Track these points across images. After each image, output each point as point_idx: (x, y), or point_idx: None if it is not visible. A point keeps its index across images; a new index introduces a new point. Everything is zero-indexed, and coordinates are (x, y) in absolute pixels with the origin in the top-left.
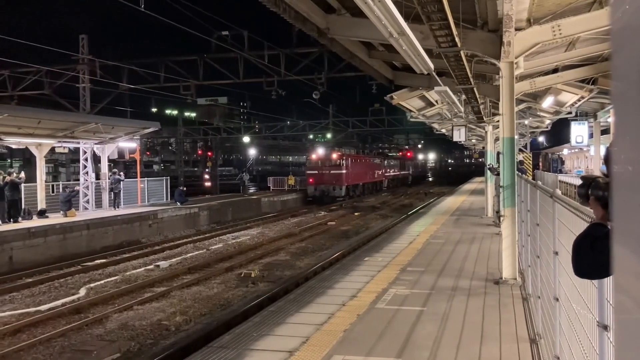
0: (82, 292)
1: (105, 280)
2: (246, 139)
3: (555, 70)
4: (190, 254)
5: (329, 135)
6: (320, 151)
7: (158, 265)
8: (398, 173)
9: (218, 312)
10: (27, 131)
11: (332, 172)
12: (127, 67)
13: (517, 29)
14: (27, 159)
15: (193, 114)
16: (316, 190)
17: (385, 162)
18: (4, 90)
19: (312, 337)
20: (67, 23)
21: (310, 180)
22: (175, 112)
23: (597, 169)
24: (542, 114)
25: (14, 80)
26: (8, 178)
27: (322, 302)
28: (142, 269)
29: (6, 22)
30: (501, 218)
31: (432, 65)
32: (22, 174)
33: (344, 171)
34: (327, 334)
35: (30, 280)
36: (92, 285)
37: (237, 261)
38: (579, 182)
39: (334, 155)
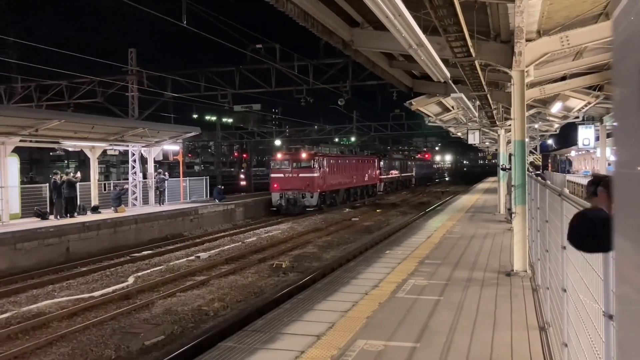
0: (131, 280)
1: (151, 270)
2: (278, 142)
3: (563, 78)
4: (227, 246)
5: (353, 139)
6: (288, 150)
7: (198, 256)
8: (398, 175)
9: (252, 299)
10: (82, 135)
11: (301, 175)
12: (171, 78)
13: (528, 40)
14: (81, 161)
15: (230, 120)
16: (281, 198)
17: (382, 162)
18: (61, 99)
19: (337, 323)
20: (117, 37)
21: (275, 185)
22: (213, 118)
23: (603, 169)
24: (551, 118)
25: (70, 90)
26: (65, 177)
27: (346, 291)
28: (184, 259)
29: (64, 37)
30: (513, 215)
31: (448, 74)
32: (78, 174)
33: (316, 174)
34: (351, 320)
35: (84, 269)
36: (139, 274)
37: (269, 253)
38: (586, 181)
39: (304, 154)
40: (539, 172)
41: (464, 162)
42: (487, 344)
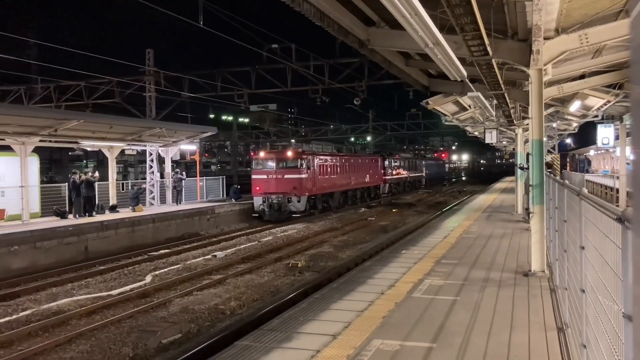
0: (148, 278)
1: (169, 269)
2: (293, 142)
3: (582, 76)
4: (244, 245)
5: (369, 138)
6: (272, 147)
7: (215, 255)
8: (406, 175)
9: (268, 298)
10: (100, 135)
11: (286, 176)
12: (188, 78)
13: (546, 38)
14: (100, 160)
15: (246, 120)
16: (264, 203)
17: (386, 162)
18: (80, 99)
19: (353, 323)
20: (135, 38)
21: (257, 187)
22: (230, 118)
23: (622, 169)
24: (569, 117)
25: (89, 90)
26: (84, 177)
27: (362, 291)
28: (201, 258)
29: (82, 38)
30: (530, 215)
31: (465, 73)
32: (96, 174)
33: (303, 175)
34: (367, 320)
35: (102, 267)
36: (156, 272)
37: (285, 252)
38: (605, 181)
39: (289, 153)
40: (549, 170)
41: (481, 161)
42: (505, 345)
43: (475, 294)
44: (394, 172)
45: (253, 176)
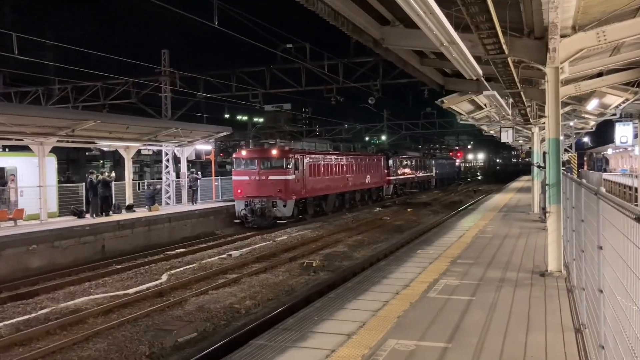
0: (164, 277)
1: (184, 268)
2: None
3: (599, 74)
4: (259, 245)
5: (383, 137)
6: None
7: (230, 255)
8: (413, 175)
9: (283, 298)
10: (117, 135)
11: (271, 177)
12: (203, 78)
13: (563, 36)
14: (116, 160)
15: (261, 119)
16: (246, 207)
17: (391, 161)
18: (97, 100)
19: (368, 322)
20: (150, 39)
21: (238, 190)
22: (245, 118)
23: None
24: (586, 115)
25: (105, 91)
26: (100, 177)
27: (377, 291)
28: (216, 257)
29: (99, 39)
30: (547, 214)
31: (480, 71)
32: (113, 174)
33: (290, 176)
34: (382, 320)
35: (119, 266)
36: (172, 271)
37: (300, 252)
38: (624, 180)
39: (274, 151)
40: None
41: (497, 160)
42: (521, 346)
43: (491, 294)
44: (400, 172)
45: (234, 177)
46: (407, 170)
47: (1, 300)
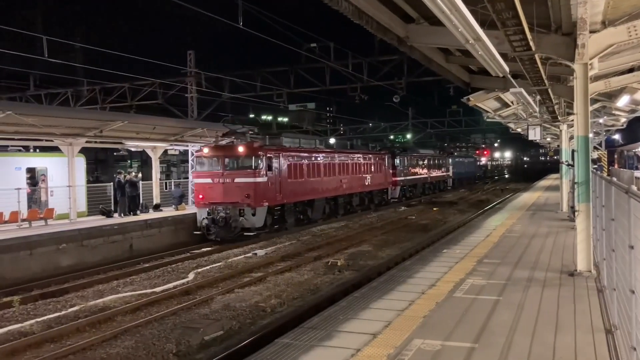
0: (191, 276)
1: (211, 266)
2: (332, 141)
3: (631, 70)
4: (283, 244)
5: (408, 136)
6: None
7: (255, 254)
8: (425, 175)
9: (308, 296)
10: (144, 136)
11: (237, 180)
12: (228, 79)
13: (592, 32)
14: (144, 160)
15: (285, 119)
16: (209, 216)
17: (397, 160)
18: (124, 101)
19: (393, 322)
20: (176, 40)
21: (200, 195)
22: (269, 118)
23: None
24: (617, 112)
25: (132, 92)
26: (128, 177)
27: (402, 290)
28: (242, 256)
29: (126, 41)
30: (576, 213)
31: (507, 68)
32: (139, 174)
33: (261, 179)
34: (408, 319)
35: (147, 265)
36: (199, 270)
37: (324, 251)
38: None
39: (241, 148)
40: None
41: (524, 158)
42: (549, 346)
43: (518, 294)
44: (409, 172)
45: (194, 180)
46: (418, 169)
47: (33, 298)
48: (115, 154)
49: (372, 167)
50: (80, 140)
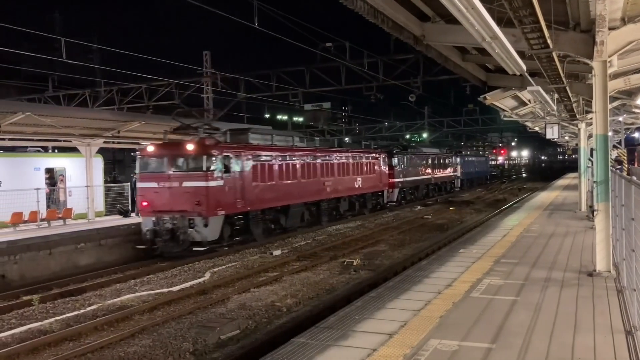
0: (207, 275)
1: (227, 266)
2: (347, 140)
3: None
4: (299, 243)
5: (424, 135)
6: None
7: (271, 253)
8: (429, 176)
9: (324, 296)
10: (160, 136)
11: (185, 184)
12: (244, 79)
13: (611, 28)
14: None
15: (300, 119)
16: (154, 227)
17: (395, 159)
18: (141, 101)
19: (410, 322)
20: (193, 41)
21: (143, 202)
22: (285, 117)
23: None
24: (637, 110)
25: (149, 92)
26: None
27: (418, 290)
28: (258, 256)
29: (142, 42)
30: (595, 212)
31: (524, 67)
32: None
33: (215, 182)
34: (424, 320)
35: (164, 264)
36: (215, 269)
37: (340, 251)
38: None
39: (190, 146)
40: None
41: (542, 157)
42: (568, 347)
43: (536, 294)
44: (410, 173)
45: (138, 184)
46: (420, 169)
47: (52, 297)
48: (132, 154)
49: (364, 168)
50: (97, 141)
